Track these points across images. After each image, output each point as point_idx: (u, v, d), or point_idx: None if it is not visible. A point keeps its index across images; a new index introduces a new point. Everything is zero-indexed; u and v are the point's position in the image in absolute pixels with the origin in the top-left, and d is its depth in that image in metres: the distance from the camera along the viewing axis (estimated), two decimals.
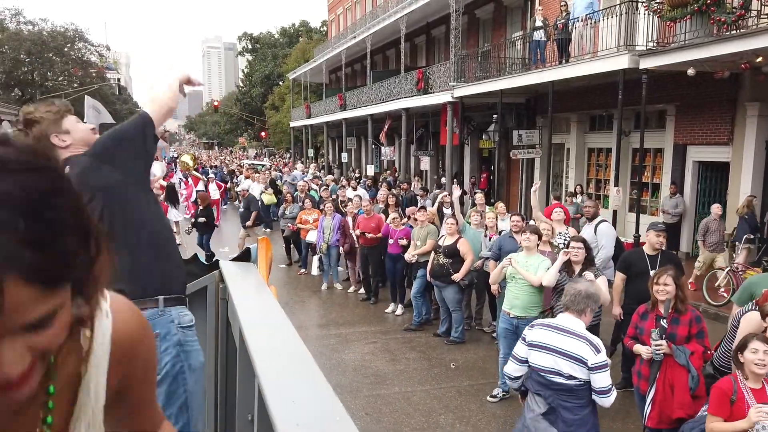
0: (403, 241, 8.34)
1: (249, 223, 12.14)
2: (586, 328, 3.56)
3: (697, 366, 3.68)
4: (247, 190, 15.91)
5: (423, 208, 8.93)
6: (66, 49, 41.40)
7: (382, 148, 23.43)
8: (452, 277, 7.10)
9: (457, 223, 7.35)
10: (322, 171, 26.80)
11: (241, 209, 12.78)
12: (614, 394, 3.39)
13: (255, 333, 1.58)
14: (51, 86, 40.57)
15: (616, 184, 11.50)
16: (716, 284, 8.88)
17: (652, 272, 5.06)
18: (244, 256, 2.58)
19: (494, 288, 6.66)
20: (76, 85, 40.71)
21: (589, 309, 3.54)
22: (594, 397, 3.39)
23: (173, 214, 14.86)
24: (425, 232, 7.98)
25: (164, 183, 15.59)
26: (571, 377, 3.38)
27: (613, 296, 5.73)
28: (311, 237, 10.69)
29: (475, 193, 12.43)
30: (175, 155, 28.65)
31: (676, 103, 12.10)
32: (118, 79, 64.81)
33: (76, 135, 2.23)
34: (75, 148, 2.22)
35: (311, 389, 1.21)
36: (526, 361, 3.57)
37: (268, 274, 2.59)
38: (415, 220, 8.30)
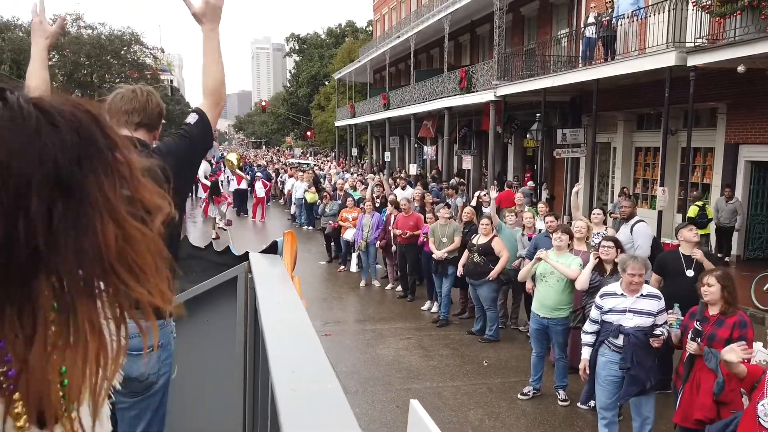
0: (422, 238, 8.45)
1: None
2: None
3: (726, 373, 3.63)
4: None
5: (447, 205, 8.99)
6: (123, 52, 43.15)
7: (425, 147, 23.49)
8: (489, 275, 7.14)
9: (491, 223, 7.39)
10: (362, 170, 27.02)
11: None
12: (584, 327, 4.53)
13: (270, 315, 1.75)
14: (108, 88, 42.38)
15: (662, 184, 11.22)
16: (765, 287, 8.58)
17: (688, 272, 5.00)
18: (271, 249, 2.77)
19: (528, 286, 6.67)
20: None
21: None
22: None
23: (213, 211, 15.42)
24: (451, 229, 8.05)
25: (207, 182, 16.18)
26: None
27: None
28: (348, 235, 10.89)
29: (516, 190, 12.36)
30: (224, 154, 29.56)
31: (728, 101, 11.71)
32: (171, 81, 67.13)
33: None
34: None
35: (311, 362, 1.35)
36: None
37: (293, 267, 2.76)
38: (436, 218, 8.39)
